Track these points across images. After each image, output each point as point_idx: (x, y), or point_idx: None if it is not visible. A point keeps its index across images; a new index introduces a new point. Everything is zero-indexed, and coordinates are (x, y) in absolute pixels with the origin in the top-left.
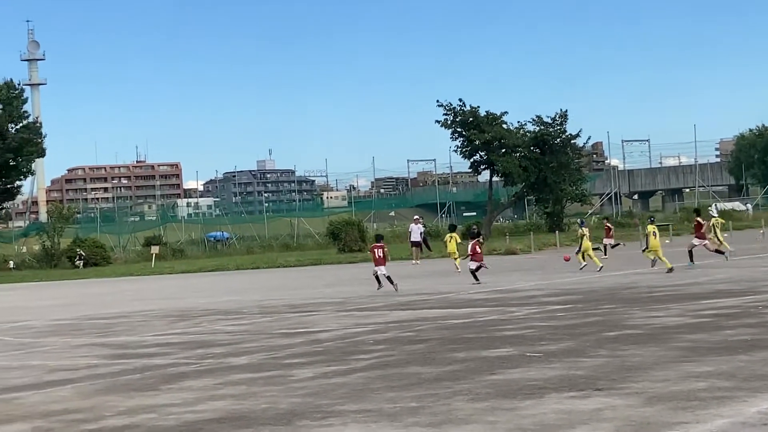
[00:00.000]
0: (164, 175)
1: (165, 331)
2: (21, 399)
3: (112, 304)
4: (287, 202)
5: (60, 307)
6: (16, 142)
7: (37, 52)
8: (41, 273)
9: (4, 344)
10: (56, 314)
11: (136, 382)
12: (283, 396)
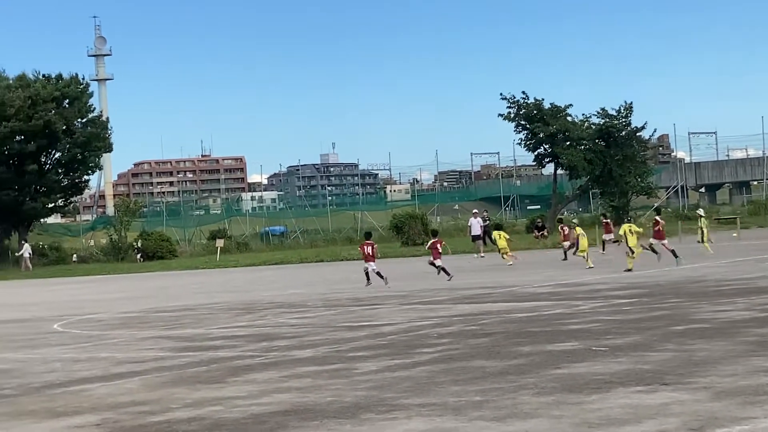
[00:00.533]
0: (229, 169)
1: (230, 324)
2: (89, 391)
3: (178, 297)
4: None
5: (127, 300)
6: (84, 137)
7: (104, 48)
8: (108, 266)
9: (73, 337)
10: (123, 307)
11: (202, 374)
12: (347, 389)
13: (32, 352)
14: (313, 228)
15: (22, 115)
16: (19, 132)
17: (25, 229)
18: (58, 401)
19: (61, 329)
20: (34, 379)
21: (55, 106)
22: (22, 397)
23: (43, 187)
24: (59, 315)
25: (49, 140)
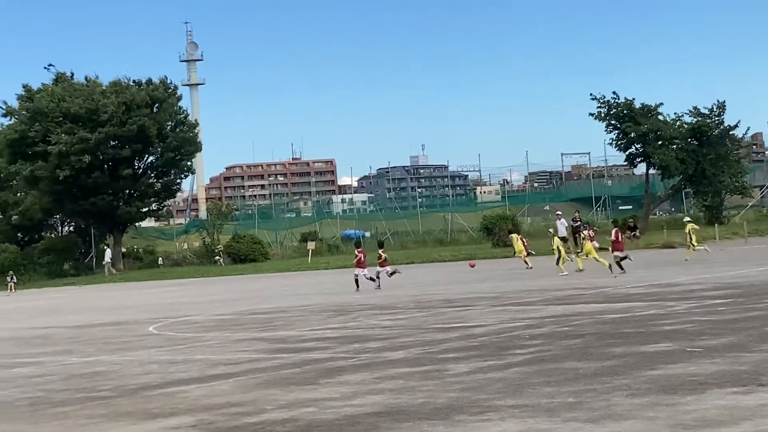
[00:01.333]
0: (319, 172)
1: (322, 326)
2: (185, 392)
3: (270, 299)
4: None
5: (221, 303)
6: (176, 140)
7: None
8: (201, 269)
9: (168, 339)
10: (217, 309)
11: (296, 376)
12: (440, 390)
13: (128, 354)
14: (403, 230)
15: (116, 120)
16: (114, 137)
17: (120, 233)
18: (154, 402)
19: (156, 332)
20: (130, 381)
21: (148, 111)
22: (119, 398)
23: (137, 191)
24: (154, 317)
25: (143, 145)
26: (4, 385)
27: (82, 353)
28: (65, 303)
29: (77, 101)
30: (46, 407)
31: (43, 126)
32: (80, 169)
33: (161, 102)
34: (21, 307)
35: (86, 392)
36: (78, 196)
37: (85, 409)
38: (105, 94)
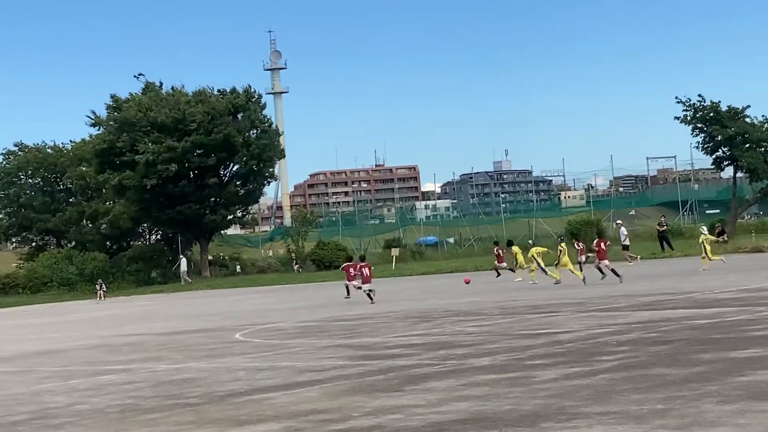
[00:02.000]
0: (402, 178)
1: (407, 333)
2: (271, 399)
3: (355, 306)
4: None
5: (305, 309)
6: (258, 148)
7: (279, 62)
8: (286, 276)
9: (254, 346)
10: (302, 316)
11: (381, 383)
12: (526, 397)
13: (216, 361)
14: (487, 236)
15: (202, 129)
16: (200, 146)
17: (206, 240)
18: (241, 409)
19: (243, 338)
20: (218, 388)
21: (231, 120)
22: (207, 405)
23: (223, 199)
24: (241, 325)
25: (228, 153)
26: (94, 392)
27: (171, 360)
28: (153, 310)
29: (164, 111)
30: (136, 414)
31: (130, 136)
32: (167, 178)
33: (245, 110)
34: (110, 314)
35: (175, 399)
36: (165, 205)
37: (174, 416)
38: (190, 103)
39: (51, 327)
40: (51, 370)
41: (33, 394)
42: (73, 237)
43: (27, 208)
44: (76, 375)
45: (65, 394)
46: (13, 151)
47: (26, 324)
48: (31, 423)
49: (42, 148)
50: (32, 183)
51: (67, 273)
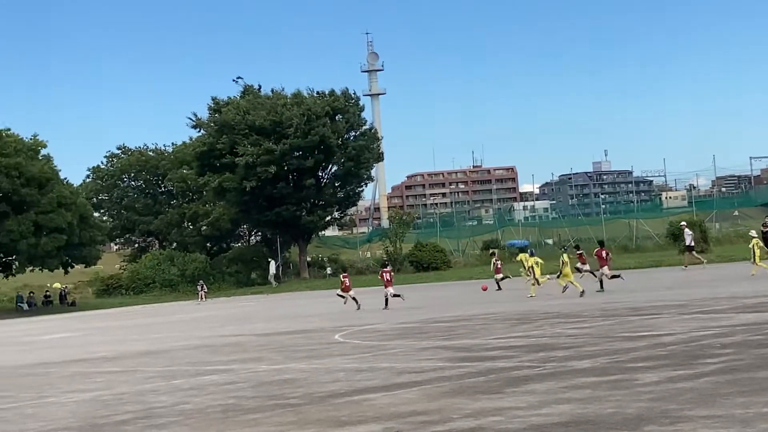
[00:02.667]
0: (500, 179)
1: (506, 334)
2: (371, 400)
3: (453, 308)
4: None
5: (404, 310)
6: (355, 150)
7: (376, 63)
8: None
9: (353, 347)
10: (401, 317)
11: (481, 384)
12: (628, 400)
13: (315, 362)
14: (586, 237)
15: (299, 131)
16: (297, 148)
17: (305, 242)
18: (342, 410)
19: (342, 339)
20: (318, 389)
21: (328, 121)
22: (308, 406)
23: (321, 200)
24: (339, 326)
25: (325, 155)
26: (197, 392)
27: (271, 361)
28: (254, 311)
29: (262, 113)
30: (238, 414)
31: (230, 138)
32: (266, 180)
33: (343, 112)
34: (211, 315)
35: (276, 399)
36: (264, 207)
37: (275, 416)
38: (287, 106)
39: (154, 327)
40: (154, 370)
41: (137, 394)
42: (175, 238)
43: (130, 210)
44: (179, 375)
45: (169, 393)
46: (116, 153)
47: (130, 324)
48: (136, 422)
49: (144, 151)
50: (135, 185)
51: (169, 274)
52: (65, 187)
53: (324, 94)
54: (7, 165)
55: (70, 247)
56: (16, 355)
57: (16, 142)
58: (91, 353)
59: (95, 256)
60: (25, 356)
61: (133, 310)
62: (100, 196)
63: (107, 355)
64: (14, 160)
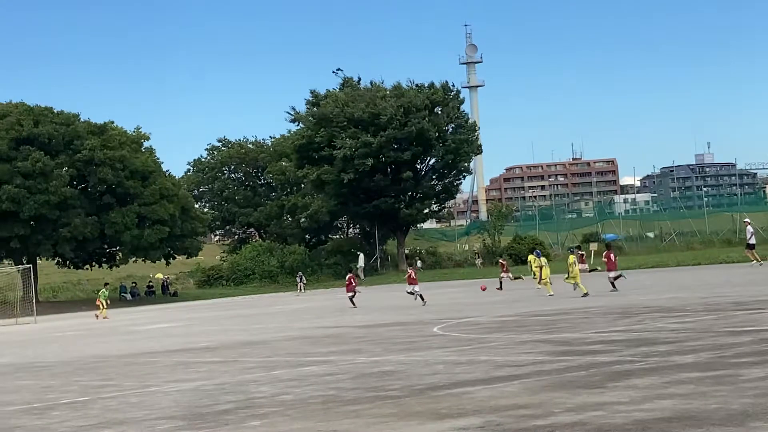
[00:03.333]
0: (600, 172)
1: (607, 328)
2: (471, 393)
3: (552, 301)
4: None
5: (503, 304)
6: (454, 142)
7: (474, 55)
8: (483, 270)
9: (453, 340)
10: (499, 311)
11: (582, 379)
12: (733, 396)
13: (414, 354)
14: (688, 230)
15: (396, 123)
16: (395, 140)
17: (403, 234)
18: (441, 403)
19: (441, 332)
20: (417, 381)
21: (426, 114)
22: (407, 398)
23: (419, 193)
24: (438, 318)
25: (423, 147)
26: (297, 383)
27: (370, 353)
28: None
29: (360, 106)
30: (338, 405)
31: (328, 131)
32: (364, 172)
33: (442, 105)
34: (310, 307)
35: (375, 391)
36: (362, 199)
37: (375, 408)
38: (386, 98)
39: (254, 318)
40: (255, 361)
41: (238, 384)
42: (274, 230)
43: (230, 201)
44: (279, 366)
45: (269, 384)
46: (217, 146)
47: (230, 315)
48: (237, 412)
49: (244, 144)
50: (235, 177)
51: (269, 266)
52: (167, 179)
53: (423, 86)
54: (112, 157)
55: (172, 238)
56: (120, 344)
57: (120, 134)
58: (193, 343)
59: (196, 248)
60: (129, 346)
61: (233, 301)
62: (201, 188)
63: (209, 345)
64: (118, 153)
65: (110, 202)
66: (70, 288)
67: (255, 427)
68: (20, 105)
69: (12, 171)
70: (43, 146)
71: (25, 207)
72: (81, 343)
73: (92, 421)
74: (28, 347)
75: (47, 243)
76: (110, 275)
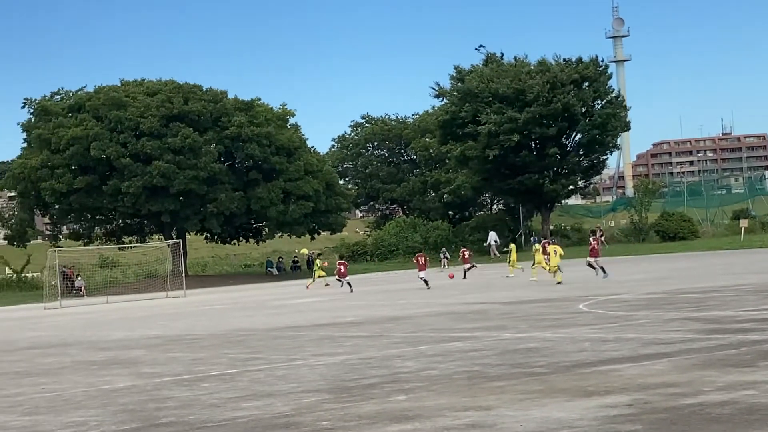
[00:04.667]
0: (751, 147)
1: (759, 306)
2: (618, 371)
3: (701, 278)
4: None
5: (650, 281)
6: (601, 118)
7: (621, 29)
8: (630, 247)
9: (599, 317)
10: (647, 288)
11: (732, 357)
12: None
13: (560, 331)
14: None
15: (541, 99)
16: (540, 116)
17: (547, 210)
18: (588, 380)
19: (586, 309)
20: (563, 358)
21: (573, 89)
22: (553, 375)
23: (564, 169)
24: (584, 295)
25: (569, 122)
26: (442, 358)
27: (515, 329)
28: (495, 279)
29: (505, 81)
30: (483, 381)
31: (472, 107)
32: (508, 148)
33: (591, 81)
34: (453, 282)
35: (521, 368)
36: (506, 175)
37: (520, 384)
38: (531, 74)
39: (398, 294)
40: (400, 336)
41: (384, 359)
42: (417, 206)
43: (374, 178)
44: (424, 341)
45: (414, 359)
46: (360, 123)
47: (375, 290)
48: (383, 386)
49: (387, 120)
50: (378, 154)
51: (412, 241)
52: (312, 155)
53: (570, 61)
54: (258, 134)
55: (317, 213)
56: (267, 318)
57: (266, 111)
58: (339, 318)
59: (341, 223)
60: (276, 319)
61: (377, 276)
62: (345, 165)
63: (354, 320)
64: (265, 130)
65: (256, 178)
66: (217, 262)
67: (400, 401)
68: (170, 82)
69: (162, 147)
70: (193, 123)
71: (174, 182)
72: (229, 316)
73: (240, 393)
74: (178, 320)
75: (195, 218)
76: (256, 250)
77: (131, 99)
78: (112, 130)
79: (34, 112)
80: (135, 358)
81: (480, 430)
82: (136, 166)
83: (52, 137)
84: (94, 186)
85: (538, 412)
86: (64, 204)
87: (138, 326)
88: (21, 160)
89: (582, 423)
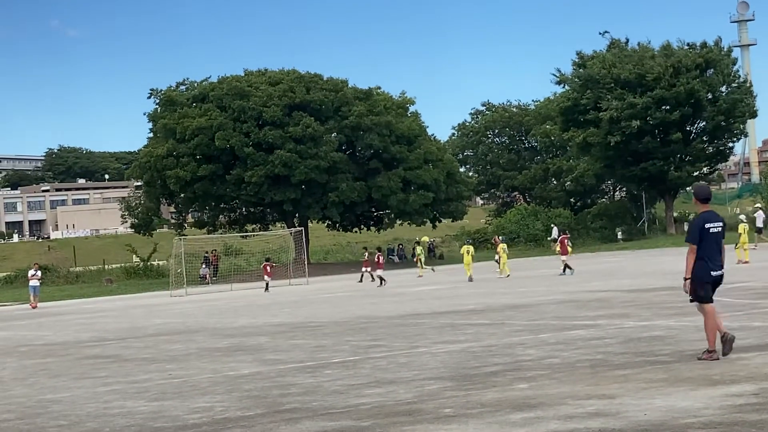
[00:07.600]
0: None
1: None
2: (744, 360)
3: None
4: None
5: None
6: (727, 103)
7: (746, 13)
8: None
9: (724, 305)
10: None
11: None
12: None
13: (685, 319)
14: None
15: (664, 83)
16: (662, 101)
17: (671, 197)
18: (713, 369)
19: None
20: (688, 347)
21: (697, 74)
22: (678, 363)
23: (688, 155)
24: None
25: (693, 108)
26: (564, 346)
27: (639, 317)
28: (619, 267)
29: (627, 67)
30: (606, 369)
31: (594, 93)
32: (630, 134)
33: (715, 64)
34: (576, 270)
35: (645, 356)
36: (629, 162)
37: (644, 373)
38: (654, 58)
39: (519, 281)
40: (521, 324)
41: (505, 347)
42: (538, 194)
43: (494, 165)
44: (546, 329)
45: (536, 347)
46: (481, 110)
47: (495, 278)
48: (505, 374)
49: (508, 107)
50: (499, 141)
51: (534, 229)
52: (432, 143)
53: (695, 45)
54: (378, 123)
55: (437, 202)
56: (389, 305)
57: (385, 100)
58: (460, 305)
59: (461, 211)
60: (397, 307)
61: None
62: (465, 152)
63: (475, 307)
64: (384, 118)
65: (377, 167)
66: (338, 250)
67: (522, 389)
68: (291, 72)
69: (284, 136)
70: (314, 112)
71: (296, 171)
72: (351, 303)
73: (363, 380)
74: (301, 307)
75: (316, 206)
76: (378, 238)
77: (254, 89)
78: (236, 120)
79: (159, 102)
80: (259, 345)
81: (603, 418)
82: (258, 155)
83: (178, 127)
84: (218, 174)
85: (662, 401)
86: (188, 192)
87: (261, 313)
88: (147, 149)
89: (707, 412)
